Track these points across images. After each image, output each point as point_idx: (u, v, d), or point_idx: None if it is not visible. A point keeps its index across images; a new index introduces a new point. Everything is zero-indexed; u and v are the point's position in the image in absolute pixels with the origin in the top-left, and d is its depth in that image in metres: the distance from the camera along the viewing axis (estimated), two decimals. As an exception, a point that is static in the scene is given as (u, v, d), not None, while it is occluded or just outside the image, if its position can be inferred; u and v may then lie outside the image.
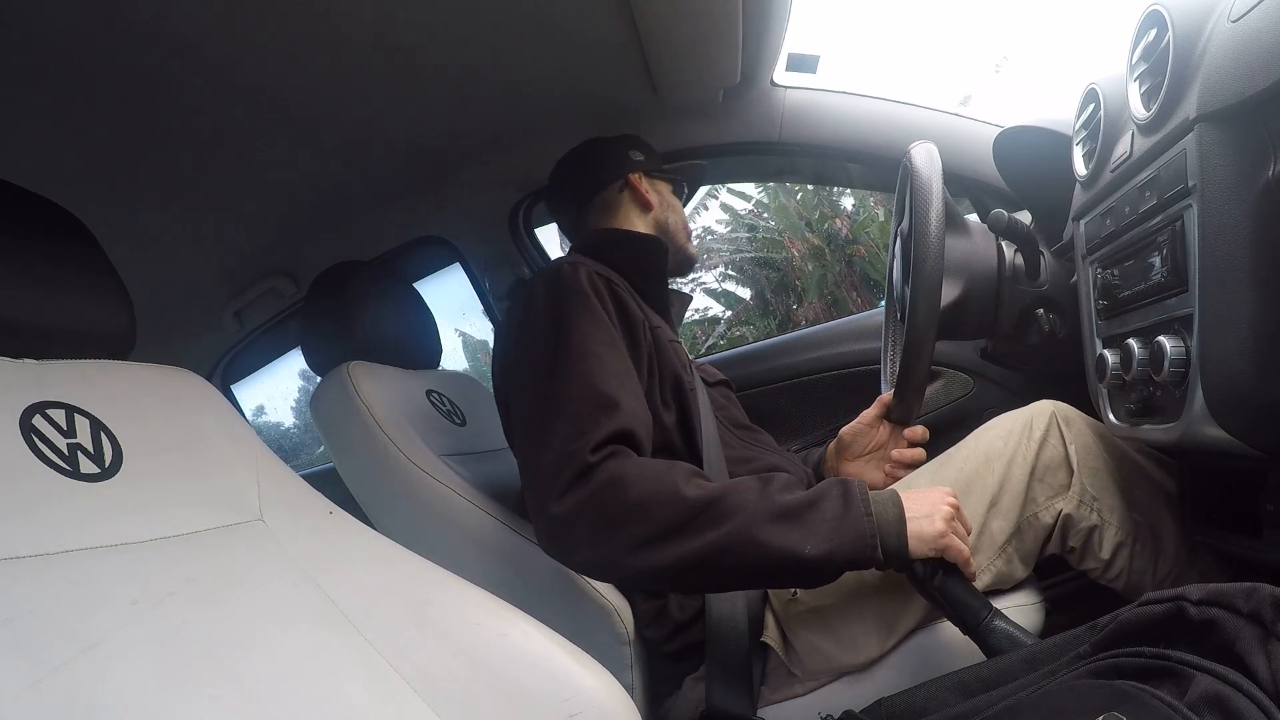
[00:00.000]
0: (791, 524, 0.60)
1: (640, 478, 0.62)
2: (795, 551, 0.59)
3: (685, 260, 1.03)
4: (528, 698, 0.50)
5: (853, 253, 5.30)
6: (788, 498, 0.61)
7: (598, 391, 0.67)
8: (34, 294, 0.47)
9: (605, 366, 0.69)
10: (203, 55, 0.78)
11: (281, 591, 0.49)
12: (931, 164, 0.76)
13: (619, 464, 0.63)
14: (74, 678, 0.36)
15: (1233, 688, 0.35)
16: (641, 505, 0.60)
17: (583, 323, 0.72)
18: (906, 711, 0.54)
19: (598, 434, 0.64)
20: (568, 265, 0.78)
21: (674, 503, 0.60)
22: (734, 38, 0.98)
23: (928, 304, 0.74)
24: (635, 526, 0.60)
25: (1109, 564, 0.68)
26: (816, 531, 0.59)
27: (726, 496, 0.61)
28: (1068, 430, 0.71)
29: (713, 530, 0.59)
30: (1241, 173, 0.50)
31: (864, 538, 0.60)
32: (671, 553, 0.60)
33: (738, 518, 0.60)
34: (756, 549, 0.59)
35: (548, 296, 0.76)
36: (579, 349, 0.70)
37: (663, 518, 0.60)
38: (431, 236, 1.40)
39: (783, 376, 1.31)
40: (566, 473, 0.62)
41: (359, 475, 0.85)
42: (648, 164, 1.02)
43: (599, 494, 0.61)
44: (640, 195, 0.99)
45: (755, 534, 0.59)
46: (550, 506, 0.62)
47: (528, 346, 0.74)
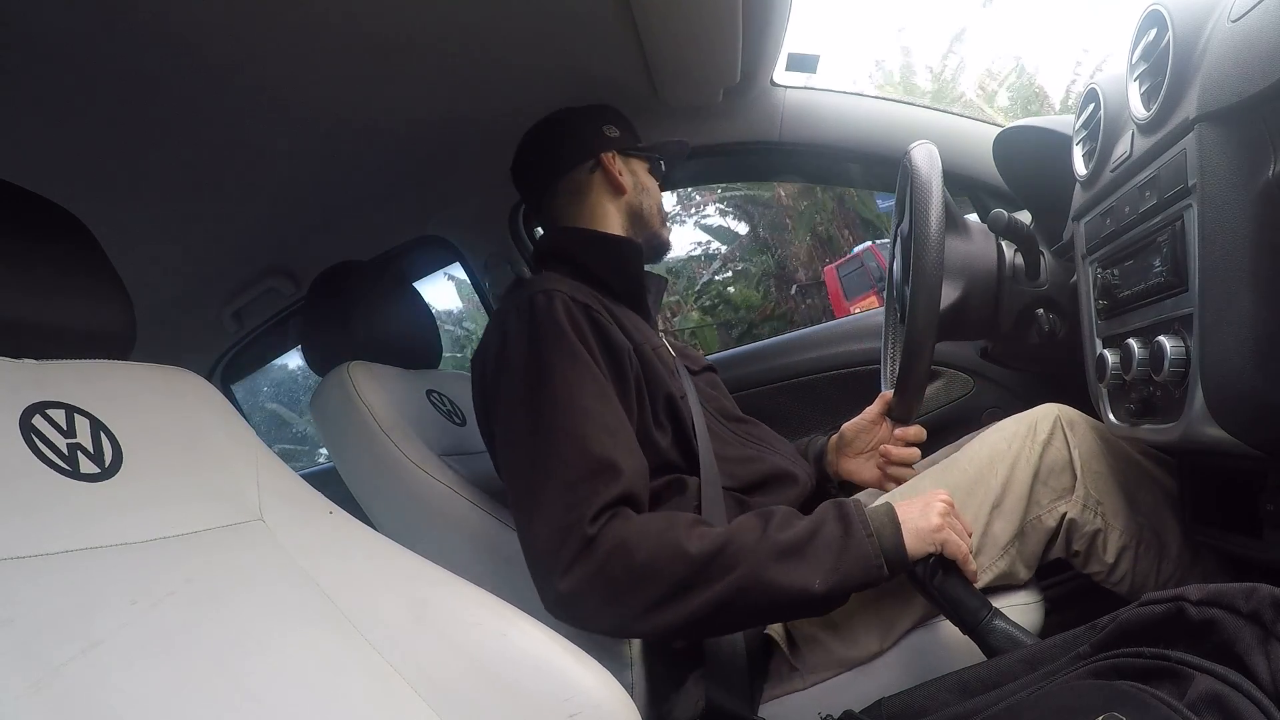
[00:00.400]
0: (797, 560, 0.60)
1: (643, 538, 0.61)
2: (805, 588, 0.60)
3: (659, 246, 0.96)
4: (528, 697, 0.50)
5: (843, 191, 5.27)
6: (788, 535, 0.62)
7: (593, 456, 0.64)
8: (34, 294, 0.47)
9: (596, 422, 0.66)
10: (202, 55, 0.78)
11: (281, 591, 0.49)
12: (931, 164, 0.76)
13: (620, 527, 0.62)
14: (74, 678, 0.36)
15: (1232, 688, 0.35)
16: (648, 567, 0.60)
17: (566, 369, 0.68)
18: (906, 711, 0.54)
19: (597, 503, 0.62)
20: (541, 296, 0.73)
21: (680, 559, 0.60)
22: (734, 38, 0.98)
23: (928, 304, 0.74)
24: (645, 590, 0.60)
25: (1113, 568, 0.68)
26: (822, 563, 0.60)
27: (729, 544, 0.61)
28: (1071, 434, 0.71)
29: (721, 580, 0.60)
30: (1241, 173, 0.50)
31: (869, 559, 0.60)
32: (684, 609, 0.60)
33: (744, 564, 0.60)
34: (767, 592, 0.60)
35: (524, 335, 0.71)
36: (566, 403, 0.67)
37: (671, 576, 0.60)
38: (431, 236, 1.40)
39: (783, 376, 1.31)
40: (569, 548, 0.61)
41: (359, 475, 0.85)
42: (622, 141, 0.93)
43: (604, 564, 0.61)
44: (612, 177, 0.91)
45: (763, 576, 0.60)
46: (557, 584, 0.62)
47: (508, 393, 0.71)
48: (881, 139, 1.21)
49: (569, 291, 0.75)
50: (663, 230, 0.96)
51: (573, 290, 0.76)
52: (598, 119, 0.94)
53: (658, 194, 0.97)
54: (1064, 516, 0.68)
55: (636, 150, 0.95)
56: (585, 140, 0.92)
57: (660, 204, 0.97)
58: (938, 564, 0.61)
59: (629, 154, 0.95)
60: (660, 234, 0.96)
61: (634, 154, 0.95)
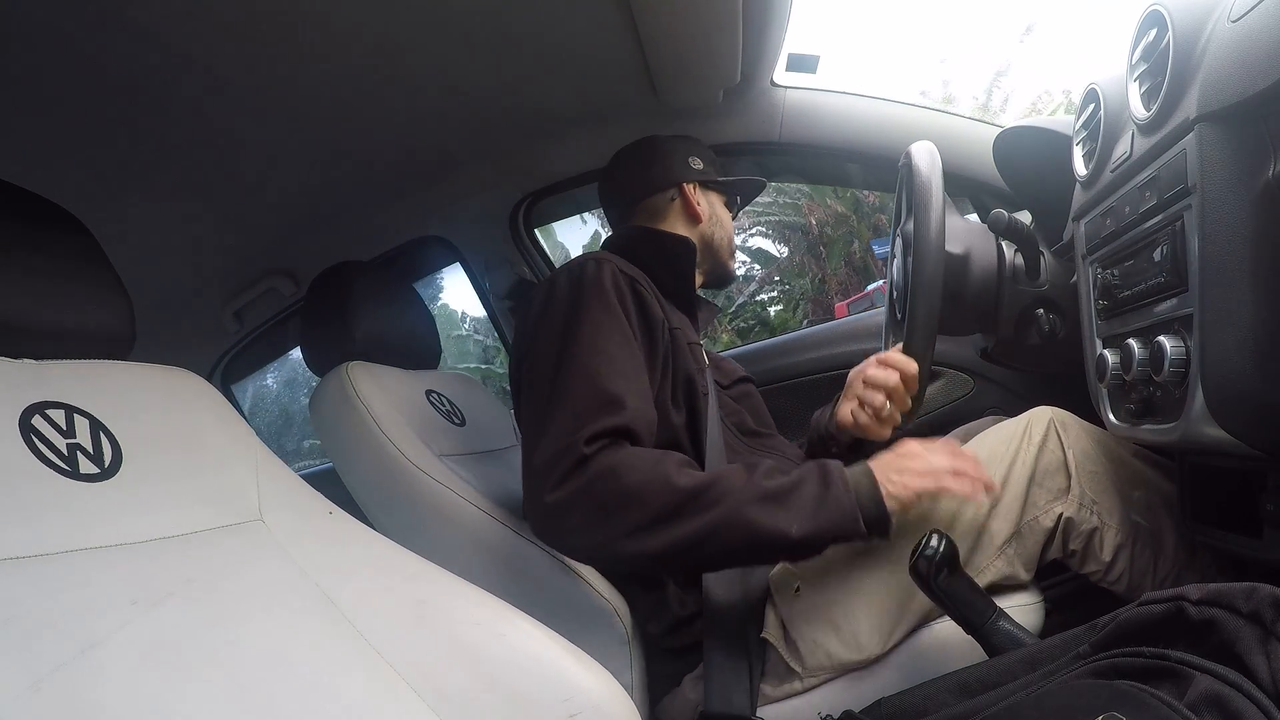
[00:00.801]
0: (777, 506, 0.64)
1: (633, 467, 0.65)
2: (783, 532, 0.63)
3: (724, 275, 1.03)
4: (527, 698, 0.50)
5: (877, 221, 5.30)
6: (772, 482, 0.65)
7: (601, 388, 0.68)
8: (34, 294, 0.47)
9: (613, 364, 0.70)
10: (203, 56, 0.78)
11: (281, 592, 0.49)
12: (932, 164, 0.76)
13: (613, 454, 0.65)
14: (73, 678, 0.36)
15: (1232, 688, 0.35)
16: (635, 492, 0.63)
17: (597, 317, 0.73)
18: (906, 712, 0.54)
19: (595, 427, 0.66)
20: (593, 261, 0.79)
21: (666, 490, 0.64)
22: (734, 38, 0.98)
23: (928, 304, 0.74)
24: (629, 513, 0.63)
25: (1110, 566, 0.68)
26: (801, 511, 0.63)
27: (716, 483, 0.65)
28: (1065, 436, 0.71)
29: (704, 515, 0.63)
30: (1241, 173, 0.50)
31: (846, 513, 0.64)
32: (663, 538, 0.63)
33: (727, 503, 0.64)
34: (745, 531, 0.63)
35: (568, 289, 0.77)
36: (589, 343, 0.71)
37: (655, 504, 0.63)
38: (431, 236, 1.40)
39: (783, 376, 1.31)
40: (563, 464, 0.65)
41: (358, 476, 0.85)
42: (705, 174, 0.99)
43: (594, 482, 0.64)
44: (690, 207, 0.98)
45: (744, 515, 0.63)
46: (545, 495, 0.65)
47: (541, 336, 0.75)
48: (881, 139, 1.21)
49: (619, 264, 0.80)
50: (730, 262, 1.02)
51: (623, 264, 0.81)
52: (685, 150, 1.00)
53: (729, 228, 1.02)
54: (1060, 516, 0.69)
55: (716, 184, 1.00)
56: (671, 168, 0.98)
57: (731, 238, 1.02)
58: (942, 563, 0.61)
59: (709, 187, 1.00)
60: (727, 265, 1.02)
61: (713, 187, 1.00)
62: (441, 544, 0.78)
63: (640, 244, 0.93)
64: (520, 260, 1.37)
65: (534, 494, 0.67)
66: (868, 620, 0.68)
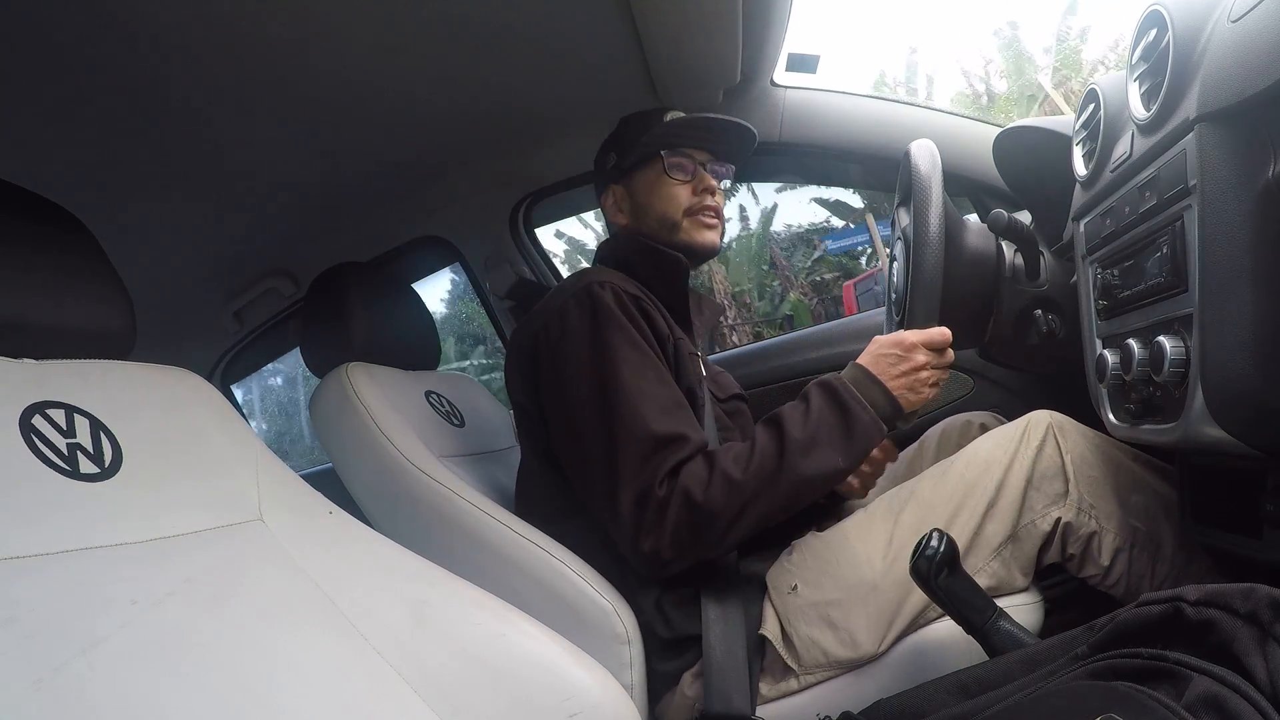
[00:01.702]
0: (817, 449, 0.70)
1: (695, 481, 0.69)
2: (835, 468, 0.70)
3: (681, 251, 0.89)
4: (527, 698, 0.50)
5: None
6: (801, 432, 0.71)
7: (658, 434, 0.71)
8: (34, 294, 0.47)
9: (659, 403, 0.73)
10: (203, 55, 0.78)
11: (281, 591, 0.49)
12: (932, 163, 0.76)
13: (678, 483, 0.69)
14: (74, 678, 0.36)
15: (1230, 689, 0.35)
16: (709, 509, 0.68)
17: (626, 354, 0.74)
18: (904, 712, 0.54)
19: (663, 471, 0.70)
20: (596, 285, 0.78)
21: (733, 491, 0.68)
22: (734, 38, 0.98)
23: (928, 304, 0.74)
24: (714, 524, 0.69)
25: (1108, 570, 0.68)
26: (837, 445, 0.70)
27: (763, 458, 0.70)
28: (1063, 440, 0.71)
29: (770, 490, 0.69)
30: (1241, 173, 0.50)
31: (872, 428, 0.71)
32: (751, 522, 0.69)
33: (782, 471, 0.69)
34: (809, 483, 0.70)
35: (585, 323, 0.76)
36: (631, 387, 0.73)
37: (730, 506, 0.68)
38: (431, 236, 1.41)
39: (783, 376, 1.31)
40: (647, 514, 0.69)
41: (358, 476, 0.85)
42: (618, 166, 0.92)
43: (676, 518, 0.68)
44: (610, 219, 0.95)
45: (802, 473, 0.69)
46: (640, 545, 0.70)
47: (571, 378, 0.76)
48: (881, 139, 1.21)
49: (621, 283, 0.80)
50: (678, 236, 0.90)
51: (624, 282, 0.82)
52: (605, 150, 0.96)
53: (662, 200, 0.90)
54: (1058, 521, 0.69)
55: (629, 167, 0.91)
56: (597, 187, 0.97)
57: (665, 209, 0.90)
58: (943, 562, 0.61)
59: (629, 171, 0.91)
60: (676, 241, 0.90)
61: (636, 166, 0.91)
62: (441, 544, 0.78)
63: (633, 255, 0.91)
64: (520, 260, 1.37)
65: (630, 546, 0.71)
66: (864, 619, 0.68)
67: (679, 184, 0.90)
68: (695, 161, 0.91)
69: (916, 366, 0.74)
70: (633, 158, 0.91)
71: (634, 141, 0.91)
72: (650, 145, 0.90)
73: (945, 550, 0.61)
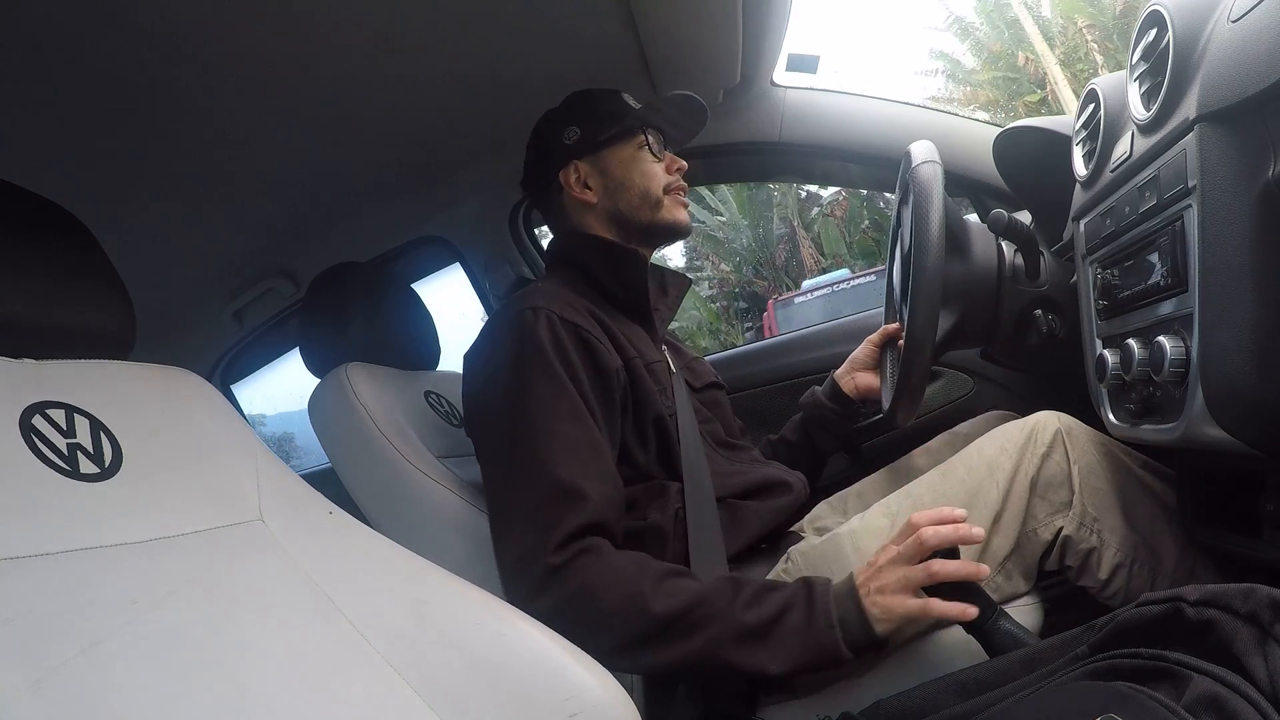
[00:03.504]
0: (757, 644, 0.61)
1: (609, 586, 0.62)
2: (762, 669, 0.60)
3: (663, 230, 0.86)
4: (527, 697, 0.50)
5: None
6: (754, 615, 0.61)
7: (557, 479, 0.65)
8: (34, 294, 0.47)
9: (566, 445, 0.67)
10: (203, 55, 0.78)
11: (281, 591, 0.49)
12: (932, 163, 0.76)
13: (588, 567, 0.62)
14: (74, 678, 0.36)
15: (1230, 689, 0.35)
16: (610, 617, 0.61)
17: (540, 390, 0.69)
18: (904, 712, 0.54)
19: (561, 532, 0.63)
20: (529, 313, 0.73)
21: (642, 617, 0.61)
22: (734, 38, 0.98)
23: (928, 306, 0.74)
24: (607, 636, 0.61)
25: (1106, 583, 0.67)
26: (782, 649, 0.60)
27: (694, 609, 0.61)
28: (1072, 447, 0.69)
29: (680, 646, 0.61)
30: (1241, 173, 0.50)
31: (826, 649, 0.60)
32: (642, 661, 0.62)
33: (705, 634, 0.61)
34: (722, 667, 0.61)
35: (508, 352, 0.73)
36: (540, 424, 0.68)
37: (629, 631, 0.61)
38: (431, 236, 1.41)
39: (783, 376, 1.31)
40: (532, 576, 0.63)
41: (357, 477, 0.85)
42: (583, 142, 0.85)
43: (569, 604, 0.61)
44: (574, 196, 0.86)
45: (720, 654, 0.61)
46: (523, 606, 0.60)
47: (489, 410, 0.73)
48: (881, 139, 1.21)
49: (559, 310, 0.74)
50: (660, 213, 0.85)
51: (564, 308, 0.75)
52: (559, 125, 0.87)
53: (644, 176, 0.85)
54: (1059, 531, 0.67)
55: (603, 142, 0.85)
56: (545, 162, 0.87)
57: (648, 186, 0.85)
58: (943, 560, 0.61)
59: (601, 146, 0.85)
60: (658, 219, 0.85)
61: (606, 144, 0.85)
62: (441, 544, 0.78)
63: (582, 254, 0.85)
64: (520, 260, 1.37)
65: (513, 590, 0.65)
66: None
67: (655, 161, 0.87)
68: (661, 141, 0.90)
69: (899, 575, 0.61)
70: (610, 132, 0.85)
71: (609, 116, 0.86)
72: (636, 121, 0.86)
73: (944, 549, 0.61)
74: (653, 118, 0.88)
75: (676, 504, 0.75)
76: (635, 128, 0.87)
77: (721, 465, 0.82)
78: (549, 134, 0.88)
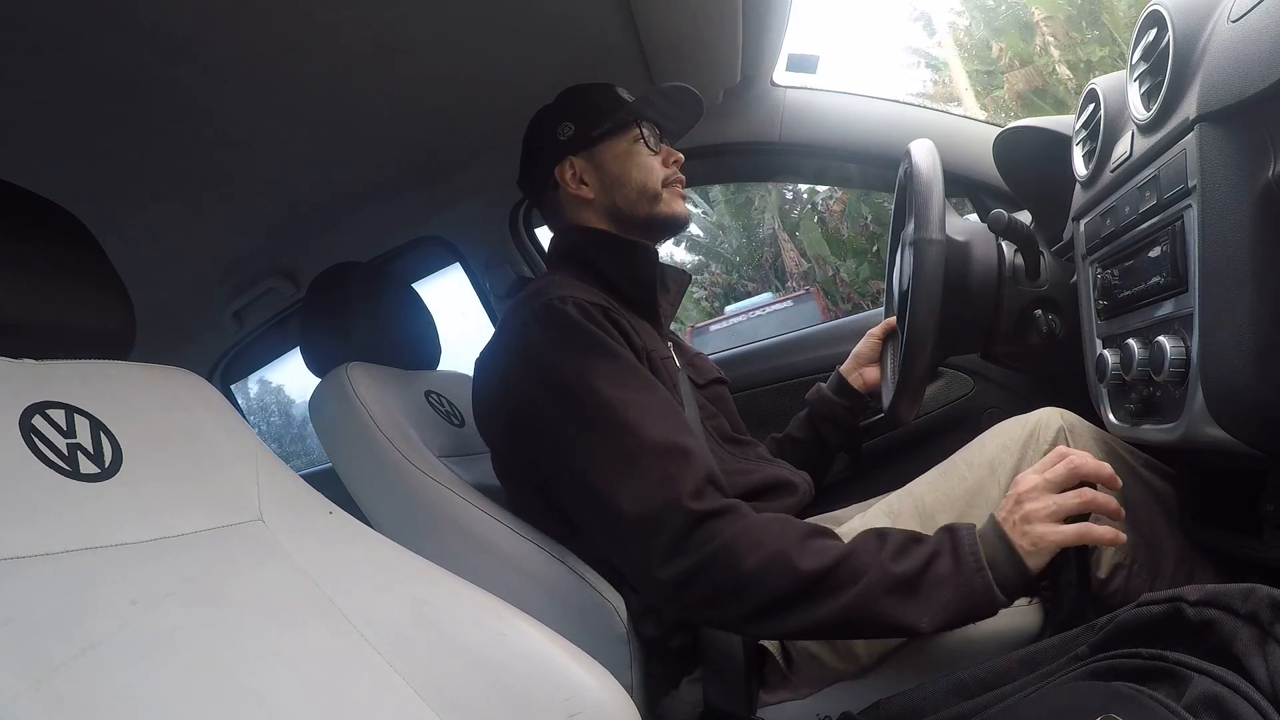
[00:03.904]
0: (908, 596, 0.57)
1: (754, 546, 0.59)
2: (913, 626, 0.57)
3: (663, 224, 0.86)
4: (527, 698, 0.50)
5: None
6: (904, 566, 0.58)
7: (660, 444, 0.63)
8: (34, 294, 0.47)
9: (654, 413, 0.65)
10: (203, 55, 0.78)
11: (281, 591, 0.49)
12: (932, 163, 0.76)
13: (730, 527, 0.60)
14: (74, 678, 0.36)
15: (1230, 689, 0.35)
16: (755, 577, 0.58)
17: (601, 365, 0.67)
18: (904, 713, 0.54)
19: (688, 484, 0.61)
20: (557, 300, 0.71)
21: (789, 575, 0.58)
22: (734, 38, 0.98)
23: (928, 304, 0.74)
24: (750, 598, 0.59)
25: (1105, 583, 0.67)
26: (931, 600, 0.57)
27: (843, 564, 0.58)
28: (1074, 445, 0.69)
29: (830, 602, 0.58)
30: (1241, 173, 0.50)
31: (981, 596, 0.57)
32: (789, 623, 0.59)
33: (855, 589, 0.57)
34: (873, 622, 0.58)
35: (552, 343, 0.70)
36: (618, 399, 0.65)
37: (777, 590, 0.58)
38: (431, 236, 1.41)
39: (784, 376, 1.31)
40: (672, 529, 0.60)
41: (358, 476, 0.85)
42: (577, 138, 0.84)
43: (711, 563, 0.59)
44: (571, 192, 0.85)
45: (874, 607, 0.57)
46: (656, 572, 0.60)
47: (542, 404, 0.69)
48: (881, 139, 1.21)
49: (584, 295, 0.73)
50: (659, 207, 0.85)
51: (586, 293, 0.74)
52: (553, 122, 0.87)
53: (641, 170, 0.85)
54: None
55: (598, 136, 0.85)
56: (541, 159, 0.87)
57: (645, 180, 0.85)
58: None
59: (596, 141, 0.85)
60: (656, 213, 0.85)
61: (601, 139, 0.85)
62: (441, 544, 0.78)
63: (595, 253, 0.83)
64: (520, 260, 1.37)
65: (640, 570, 0.61)
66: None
67: (652, 154, 0.86)
68: (656, 134, 0.89)
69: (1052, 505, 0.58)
70: (604, 126, 0.84)
71: (602, 110, 0.85)
72: (630, 114, 0.86)
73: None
74: (646, 110, 0.88)
75: None
76: (629, 121, 0.86)
77: (728, 462, 0.82)
78: (544, 130, 0.88)
